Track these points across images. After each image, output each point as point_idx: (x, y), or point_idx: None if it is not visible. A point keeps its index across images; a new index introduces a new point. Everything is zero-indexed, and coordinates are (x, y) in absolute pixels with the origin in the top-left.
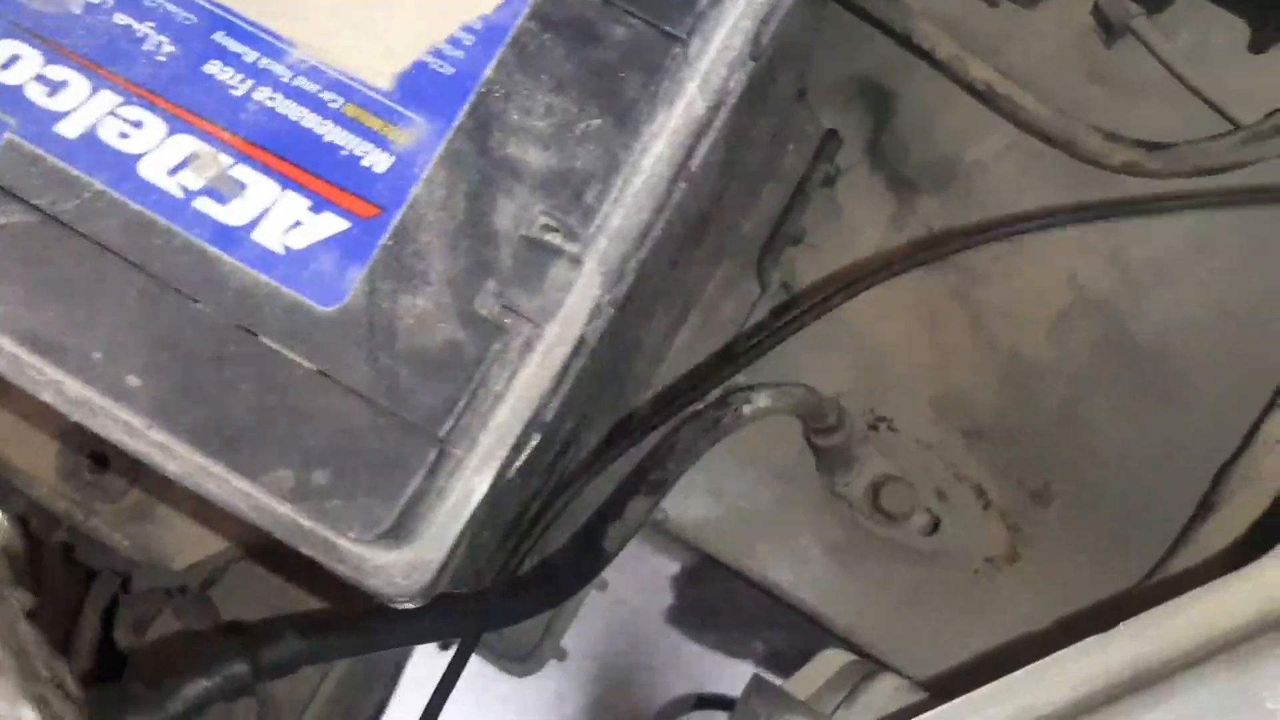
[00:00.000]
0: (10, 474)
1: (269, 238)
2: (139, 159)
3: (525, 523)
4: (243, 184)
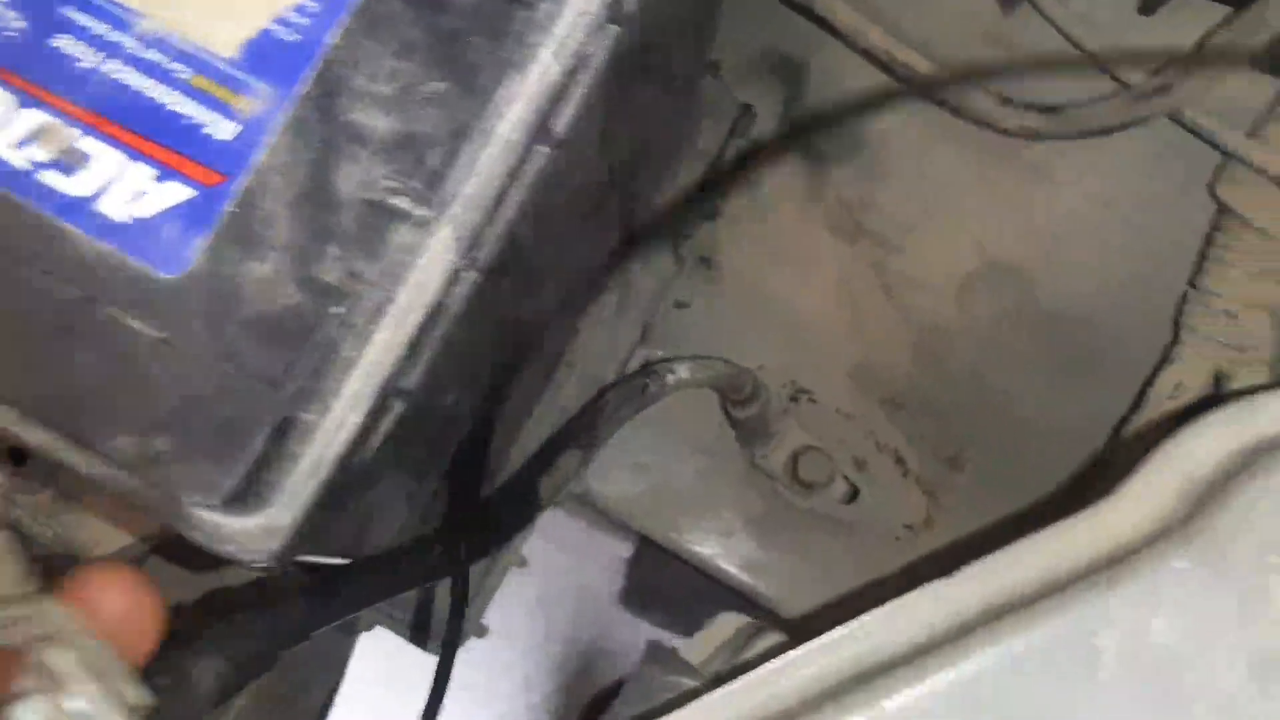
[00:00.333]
0: None
1: (114, 208)
2: None
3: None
4: (88, 155)
